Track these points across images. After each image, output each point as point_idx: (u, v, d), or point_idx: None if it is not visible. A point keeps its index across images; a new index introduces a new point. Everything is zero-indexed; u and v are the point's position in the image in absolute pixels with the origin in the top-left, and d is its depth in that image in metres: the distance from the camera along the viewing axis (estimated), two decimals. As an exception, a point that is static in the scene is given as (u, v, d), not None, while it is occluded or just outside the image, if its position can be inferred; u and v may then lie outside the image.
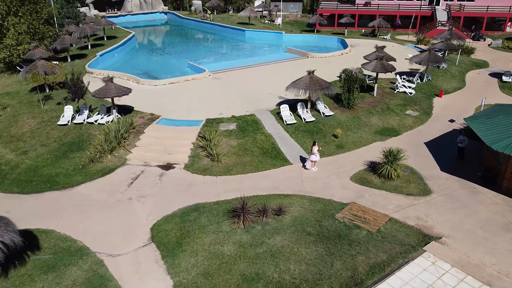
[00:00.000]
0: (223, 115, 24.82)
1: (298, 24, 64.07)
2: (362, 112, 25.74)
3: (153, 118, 24.71)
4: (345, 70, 25.61)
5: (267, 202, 16.75)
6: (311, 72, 24.12)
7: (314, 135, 22.72)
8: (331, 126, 23.79)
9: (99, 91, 23.63)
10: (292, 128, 23.30)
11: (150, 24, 66.31)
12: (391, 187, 18.00)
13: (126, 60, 41.42)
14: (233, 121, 23.97)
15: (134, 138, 22.48)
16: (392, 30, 55.49)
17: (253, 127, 23.27)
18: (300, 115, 24.46)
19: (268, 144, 21.74)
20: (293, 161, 20.46)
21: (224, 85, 31.17)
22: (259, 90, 29.68)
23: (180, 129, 23.17)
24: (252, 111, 25.40)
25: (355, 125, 24.24)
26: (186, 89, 30.29)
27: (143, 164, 20.57)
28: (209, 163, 20.29)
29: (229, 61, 39.56)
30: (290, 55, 40.93)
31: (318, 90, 23.50)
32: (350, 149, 21.68)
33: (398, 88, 29.50)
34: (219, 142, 21.74)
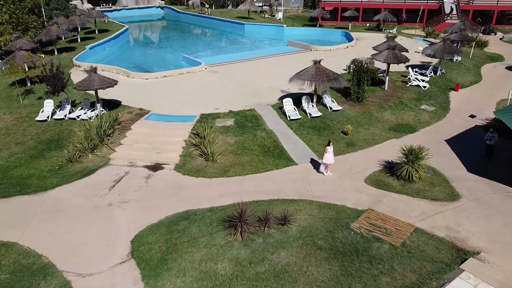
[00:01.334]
0: (219, 110, 22.38)
1: (300, 19, 61.61)
2: (374, 107, 23.31)
3: (142, 113, 22.27)
4: (354, 60, 23.23)
5: (270, 209, 14.32)
6: (317, 61, 21.69)
7: (321, 132, 20.29)
8: (340, 122, 21.35)
9: (81, 83, 21.18)
10: (297, 124, 20.87)
11: (146, 19, 63.88)
12: (413, 190, 15.56)
13: (119, 54, 38.99)
14: (231, 117, 21.53)
15: (120, 135, 20.03)
16: (398, 25, 53.05)
17: (252, 123, 20.84)
18: (305, 110, 22.02)
19: (270, 142, 19.30)
20: (298, 160, 18.02)
21: (222, 78, 28.74)
22: (259, 83, 27.24)
23: (171, 125, 20.72)
24: (252, 106, 22.97)
25: (366, 121, 21.79)
26: (180, 82, 27.86)
27: (128, 164, 18.12)
28: (203, 163, 17.85)
29: (227, 55, 37.11)
30: (292, 48, 38.50)
31: (326, 82, 21.05)
32: (362, 147, 19.24)
33: (410, 82, 27.07)
34: (215, 139, 19.30)
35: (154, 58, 37.34)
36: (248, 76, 28.94)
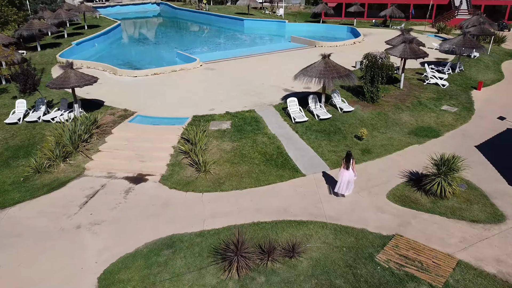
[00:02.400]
0: (214, 111, 19.66)
1: (302, 15, 58.93)
2: (389, 108, 20.59)
3: (126, 115, 19.54)
4: (367, 55, 20.55)
5: (273, 234, 11.62)
6: (326, 56, 18.96)
7: (331, 137, 17.56)
8: (352, 125, 18.63)
9: (55, 80, 18.45)
10: (303, 128, 18.15)
11: (141, 15, 61.11)
12: (447, 209, 12.83)
13: (109, 50, 36.29)
14: (227, 119, 18.80)
15: (98, 141, 17.30)
16: (405, 21, 50.35)
17: (252, 126, 18.12)
18: (312, 111, 19.29)
19: (273, 148, 16.58)
20: (306, 171, 15.29)
21: (218, 76, 26.01)
22: (259, 81, 24.52)
23: (159, 129, 17.99)
24: (252, 106, 20.25)
25: (382, 123, 19.07)
26: (172, 80, 25.14)
27: (106, 176, 15.40)
28: (194, 174, 15.13)
29: (225, 51, 34.37)
30: (295, 45, 35.77)
31: (336, 79, 18.32)
32: (380, 154, 16.51)
33: (428, 79, 24.35)
34: (208, 145, 16.57)
35: (147, 54, 34.62)
36: (247, 74, 26.23)
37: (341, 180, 13.48)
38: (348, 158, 13.35)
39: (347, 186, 13.57)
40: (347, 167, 13.38)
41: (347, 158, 13.36)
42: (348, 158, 13.34)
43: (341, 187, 13.54)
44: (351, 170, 13.40)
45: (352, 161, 13.40)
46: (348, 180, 13.48)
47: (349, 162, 13.34)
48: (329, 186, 14.33)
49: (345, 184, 13.51)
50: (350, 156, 13.34)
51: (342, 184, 13.51)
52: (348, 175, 13.42)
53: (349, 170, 13.39)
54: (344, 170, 13.45)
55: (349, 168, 13.39)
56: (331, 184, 14.37)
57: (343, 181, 13.47)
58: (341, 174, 13.51)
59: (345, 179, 13.45)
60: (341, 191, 13.60)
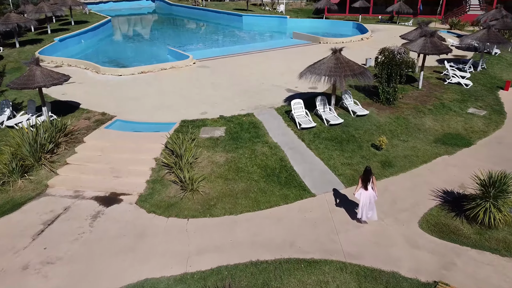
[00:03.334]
0: (206, 115, 16.90)
1: (303, 12, 56.10)
2: (409, 111, 17.82)
3: (103, 119, 16.77)
4: (383, 50, 17.79)
5: (277, 282, 8.85)
6: (337, 50, 16.18)
7: (344, 146, 14.79)
8: (368, 132, 15.86)
9: (18, 79, 15.64)
10: (310, 135, 15.38)
11: (135, 12, 58.35)
12: (499, 243, 10.06)
13: (97, 48, 33.53)
14: (221, 124, 16.03)
15: (67, 151, 14.51)
16: (413, 17, 47.57)
17: (250, 134, 15.35)
18: (320, 115, 16.53)
19: (275, 161, 13.81)
20: (316, 189, 12.52)
21: (213, 74, 23.25)
22: (259, 80, 21.75)
23: (140, 137, 15.21)
24: (250, 109, 17.50)
25: (402, 129, 16.30)
26: (161, 79, 22.36)
27: (72, 195, 12.61)
28: (179, 193, 12.35)
29: (221, 48, 31.62)
30: (298, 41, 33.01)
31: (349, 78, 15.53)
32: (404, 168, 13.73)
33: (449, 78, 21.59)
34: (197, 157, 13.80)
35: (137, 52, 31.85)
36: (245, 72, 23.46)
37: (361, 204, 10.73)
38: (367, 175, 10.61)
39: (369, 210, 10.81)
40: (365, 187, 10.65)
41: (365, 175, 10.62)
42: (367, 176, 10.60)
43: (363, 212, 10.79)
44: (371, 189, 10.67)
45: (372, 179, 10.66)
46: (369, 202, 10.74)
47: (369, 180, 10.61)
48: (345, 210, 11.56)
49: (366, 208, 10.76)
50: (369, 173, 10.60)
51: (364, 208, 10.75)
52: (368, 196, 10.67)
53: (369, 190, 10.66)
54: (363, 190, 10.71)
55: (368, 188, 10.66)
56: (348, 207, 11.60)
57: (363, 204, 10.72)
58: (359, 196, 10.77)
59: (365, 201, 10.70)
60: (363, 217, 10.84)
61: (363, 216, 10.83)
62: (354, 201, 11.61)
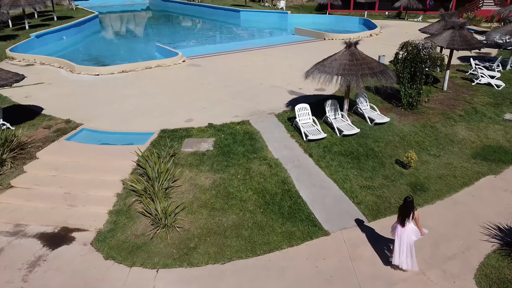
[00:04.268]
0: (192, 123, 13.92)
1: (305, 8, 53.14)
2: (436, 117, 14.84)
3: (67, 128, 13.77)
4: (405, 44, 14.79)
5: None
6: (351, 44, 13.18)
7: (362, 163, 11.80)
8: (390, 144, 12.87)
9: (-42, 79, 12.68)
10: (319, 148, 12.38)
11: (127, 9, 55.37)
12: None
13: (81, 45, 30.51)
14: (210, 135, 13.03)
15: (13, 170, 11.51)
16: (423, 13, 44.65)
17: (245, 147, 12.35)
18: (331, 123, 13.53)
19: (275, 184, 10.81)
20: (331, 224, 9.52)
21: (204, 74, 20.26)
22: (257, 81, 18.78)
23: (108, 151, 12.20)
24: (245, 116, 14.53)
25: (431, 141, 13.30)
26: (143, 80, 19.37)
27: (10, 231, 9.62)
28: (149, 230, 9.36)
29: (216, 45, 28.64)
30: (300, 37, 30.04)
31: (368, 77, 12.53)
32: (441, 193, 10.73)
33: (478, 79, 18.62)
34: (176, 179, 10.80)
35: (124, 49, 28.86)
36: (241, 71, 20.49)
37: (398, 244, 7.80)
38: (406, 209, 7.68)
39: (407, 255, 7.86)
40: (402, 222, 7.72)
41: (405, 208, 7.70)
42: (408, 210, 7.67)
43: (400, 256, 7.85)
44: (411, 226, 7.74)
45: (413, 213, 7.71)
46: (407, 243, 7.80)
47: (408, 216, 7.68)
48: (371, 256, 8.56)
49: (404, 251, 7.82)
50: (410, 206, 7.67)
51: (401, 252, 7.82)
52: (407, 236, 7.76)
53: (408, 227, 7.73)
54: (399, 227, 7.80)
55: (406, 225, 7.72)
56: (375, 251, 8.61)
57: (401, 245, 7.80)
58: (396, 234, 7.86)
59: (405, 242, 7.78)
60: (401, 264, 7.89)
61: (400, 262, 7.87)
62: (382, 242, 8.64)
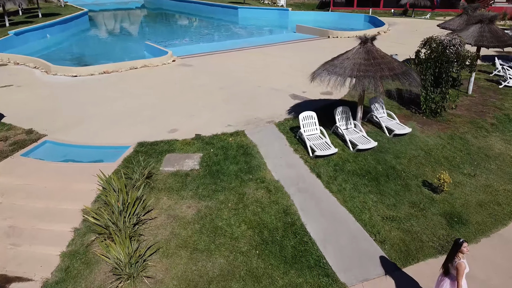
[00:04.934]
0: (176, 134, 11.69)
1: (306, 6, 50.97)
2: (464, 126, 12.61)
3: (26, 140, 11.52)
4: (428, 40, 12.57)
5: None
6: (367, 40, 10.94)
7: (381, 185, 9.57)
8: (414, 161, 10.64)
9: None
10: (329, 167, 10.15)
11: (122, 7, 53.13)
12: None
13: (66, 43, 28.28)
14: (196, 149, 10.80)
15: (-51, 196, 9.28)
16: (430, 11, 42.47)
17: (239, 165, 10.12)
18: (342, 135, 11.30)
19: (276, 215, 8.57)
20: (348, 275, 7.27)
21: (196, 74, 18.04)
22: (255, 82, 16.57)
23: (71, 171, 9.96)
24: (240, 125, 12.30)
25: (463, 156, 11.07)
26: (126, 81, 17.14)
27: None
28: (109, 281, 7.12)
29: (210, 43, 26.41)
30: (302, 35, 27.82)
31: (389, 80, 10.28)
32: (485, 227, 8.47)
33: (506, 81, 16.40)
34: (150, 210, 8.56)
35: (112, 48, 26.64)
36: (237, 71, 18.27)
37: None
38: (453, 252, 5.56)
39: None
40: (446, 270, 5.62)
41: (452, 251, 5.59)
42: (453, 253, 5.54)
43: None
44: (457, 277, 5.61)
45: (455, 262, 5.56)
46: None
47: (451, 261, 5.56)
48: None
49: None
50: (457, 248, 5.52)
51: None
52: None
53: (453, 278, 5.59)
54: (443, 277, 5.67)
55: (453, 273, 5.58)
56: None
57: None
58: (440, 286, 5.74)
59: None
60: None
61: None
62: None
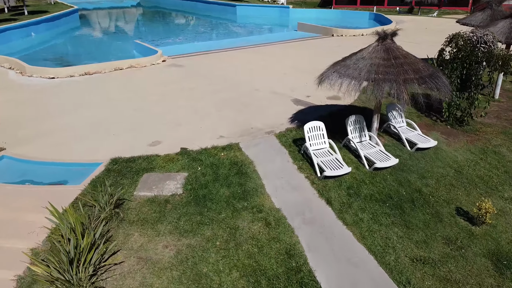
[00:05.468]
0: (159, 148, 9.85)
1: (307, 4, 49.21)
2: (497, 138, 10.79)
3: (-21, 156, 9.69)
4: (455, 37, 10.76)
5: None
6: (386, 36, 9.10)
7: (406, 214, 7.73)
8: (443, 181, 8.81)
9: None
10: (341, 190, 8.31)
11: (116, 5, 51.23)
12: None
13: (53, 42, 26.41)
14: (180, 167, 8.96)
15: None
16: (438, 9, 40.70)
17: (231, 189, 8.28)
18: (355, 149, 9.47)
19: (276, 257, 6.74)
20: None
21: (187, 76, 16.21)
22: (253, 85, 14.75)
23: (24, 196, 8.10)
24: (234, 136, 10.47)
25: (500, 175, 9.23)
26: (109, 84, 15.29)
27: None
28: None
29: (206, 42, 24.58)
30: (304, 34, 26.01)
31: (415, 84, 8.43)
32: (542, 272, 6.68)
33: (535, 83, 14.60)
34: (117, 250, 6.72)
35: (99, 47, 24.73)
36: (233, 73, 16.45)
37: None
38: None
39: None
40: None
41: None
42: None
43: None
44: None
45: None
46: None
47: None
48: None
49: None
50: None
51: None
52: None
53: None
54: None
55: None
56: None
57: None
58: None
59: None
60: None
61: None
62: None
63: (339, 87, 8.83)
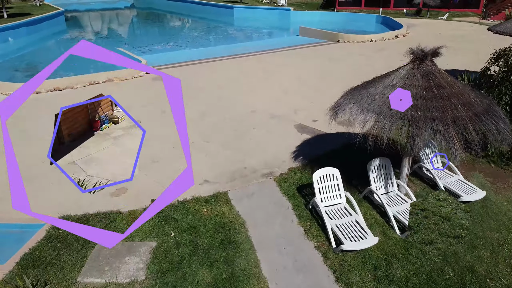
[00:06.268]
0: (122, 200, 7.49)
1: (308, 6, 47.00)
2: (557, 182, 8.46)
3: None
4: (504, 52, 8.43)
5: None
6: (426, 56, 6.74)
7: (461, 313, 5.40)
8: (499, 253, 6.46)
9: None
10: (365, 271, 5.98)
11: (109, 6, 49.10)
12: None
13: (30, 49, 24.13)
14: (147, 232, 6.61)
15: None
16: (447, 11, 38.49)
17: (214, 266, 5.93)
18: (381, 205, 7.13)
19: None
20: None
21: (168, 94, 13.83)
22: (248, 105, 12.40)
23: None
24: (223, 180, 8.11)
25: None
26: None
27: None
28: None
29: (198, 49, 22.25)
30: (306, 39, 23.70)
31: (468, 125, 6.10)
32: None
33: None
34: None
35: (78, 56, 22.43)
36: (227, 88, 14.13)
37: None
38: None
39: None
40: None
41: None
42: None
43: None
44: None
45: None
46: None
47: None
48: None
49: None
50: None
51: None
52: None
53: None
54: None
55: None
56: None
57: None
58: None
59: None
60: None
61: None
62: None
63: (362, 126, 6.51)
